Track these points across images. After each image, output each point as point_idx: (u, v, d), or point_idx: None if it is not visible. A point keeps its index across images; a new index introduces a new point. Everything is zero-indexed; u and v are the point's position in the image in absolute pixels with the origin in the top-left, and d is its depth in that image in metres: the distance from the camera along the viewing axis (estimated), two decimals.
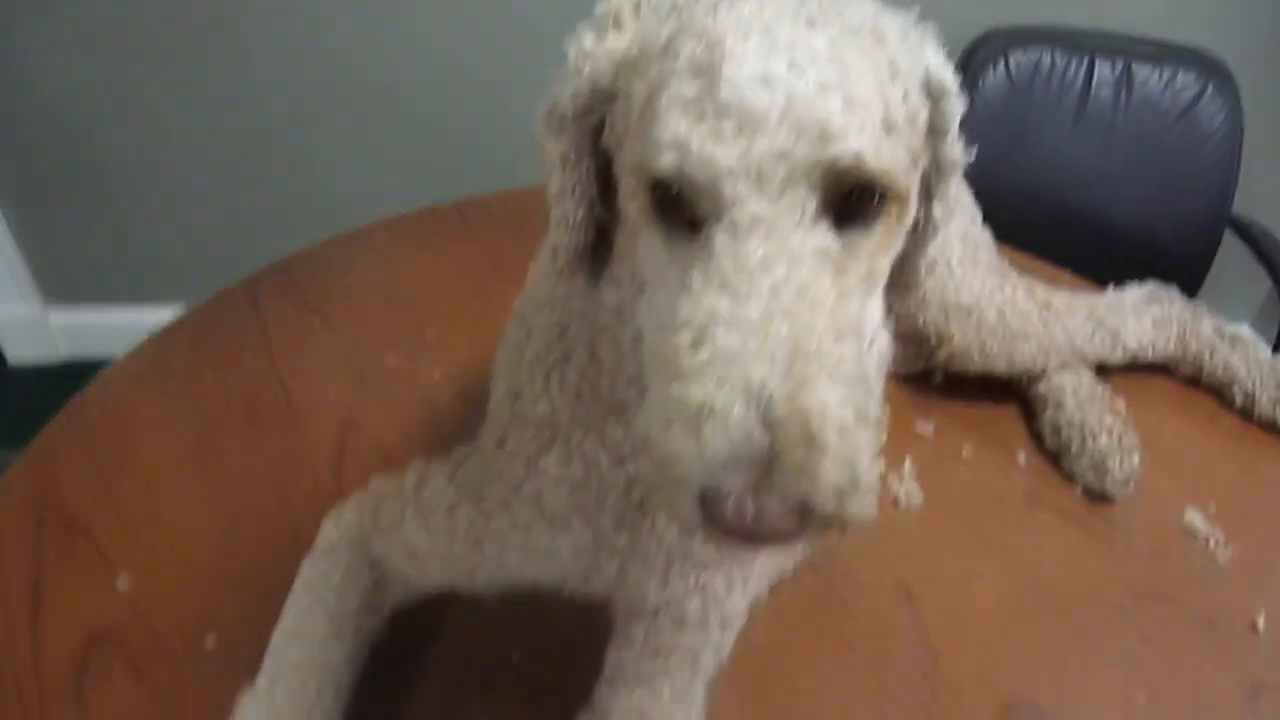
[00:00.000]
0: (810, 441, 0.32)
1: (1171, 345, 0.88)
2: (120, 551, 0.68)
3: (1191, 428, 0.85)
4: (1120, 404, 0.81)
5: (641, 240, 0.40)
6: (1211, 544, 0.73)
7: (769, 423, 0.32)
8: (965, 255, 0.84)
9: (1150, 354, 0.87)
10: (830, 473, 0.32)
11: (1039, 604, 0.69)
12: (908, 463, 0.79)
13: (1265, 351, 0.87)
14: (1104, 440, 0.77)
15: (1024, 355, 0.82)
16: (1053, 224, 1.40)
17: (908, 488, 0.76)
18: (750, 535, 0.33)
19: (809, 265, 0.35)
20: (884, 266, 0.40)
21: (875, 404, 0.35)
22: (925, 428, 0.83)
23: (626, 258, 0.45)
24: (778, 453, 0.32)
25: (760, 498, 0.32)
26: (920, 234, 0.45)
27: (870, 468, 0.34)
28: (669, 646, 0.54)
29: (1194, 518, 0.75)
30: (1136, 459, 0.76)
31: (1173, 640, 0.67)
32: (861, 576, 0.70)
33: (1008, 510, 0.76)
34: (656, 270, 0.39)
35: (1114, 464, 0.76)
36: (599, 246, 0.47)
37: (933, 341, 0.83)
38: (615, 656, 0.55)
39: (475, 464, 0.58)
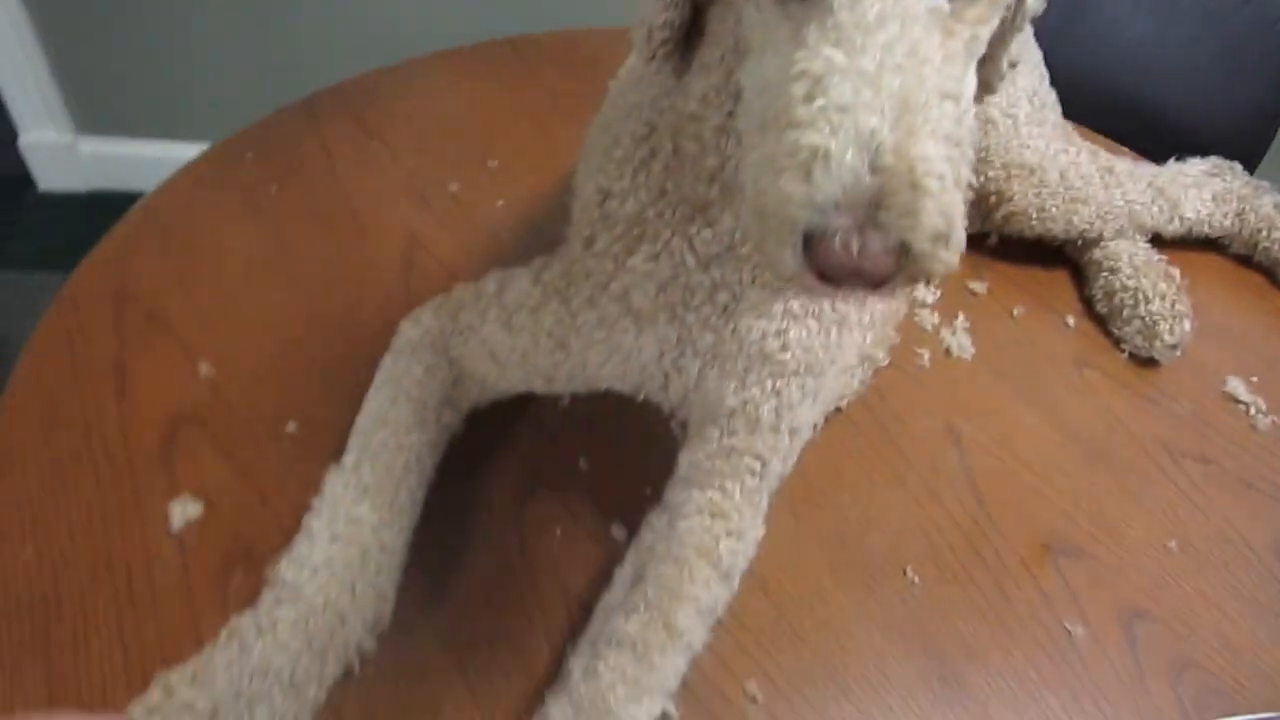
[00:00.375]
0: (915, 186, 0.34)
1: (1229, 220, 0.88)
2: (199, 342, 0.70)
3: (1240, 303, 0.86)
4: (1175, 272, 0.82)
5: (750, 5, 0.41)
6: (1252, 411, 0.76)
7: (877, 168, 0.34)
8: (1032, 114, 0.83)
9: (1206, 228, 0.88)
10: (931, 217, 0.34)
11: (1081, 455, 0.71)
12: (960, 317, 0.80)
13: None
14: (1156, 305, 0.78)
15: (1082, 219, 0.82)
16: (1102, 107, 1.37)
17: (960, 339, 0.78)
18: (850, 274, 0.35)
19: (921, 24, 0.36)
20: (984, 36, 0.41)
21: (967, 169, 0.37)
22: (979, 286, 0.84)
23: (718, 41, 0.47)
24: (884, 195, 0.34)
25: (864, 235, 0.34)
26: (1006, 26, 0.46)
27: (961, 227, 0.35)
28: (741, 448, 0.56)
29: (1236, 386, 0.77)
30: (1187, 325, 0.78)
31: (1208, 496, 0.70)
32: (912, 419, 0.72)
33: (1055, 369, 0.78)
34: (766, 32, 0.40)
35: (1164, 328, 0.78)
36: (690, 33, 0.47)
37: (992, 200, 0.83)
38: (689, 458, 0.58)
39: (561, 266, 0.59)
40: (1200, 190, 0.87)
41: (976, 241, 0.88)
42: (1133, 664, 0.60)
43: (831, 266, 0.35)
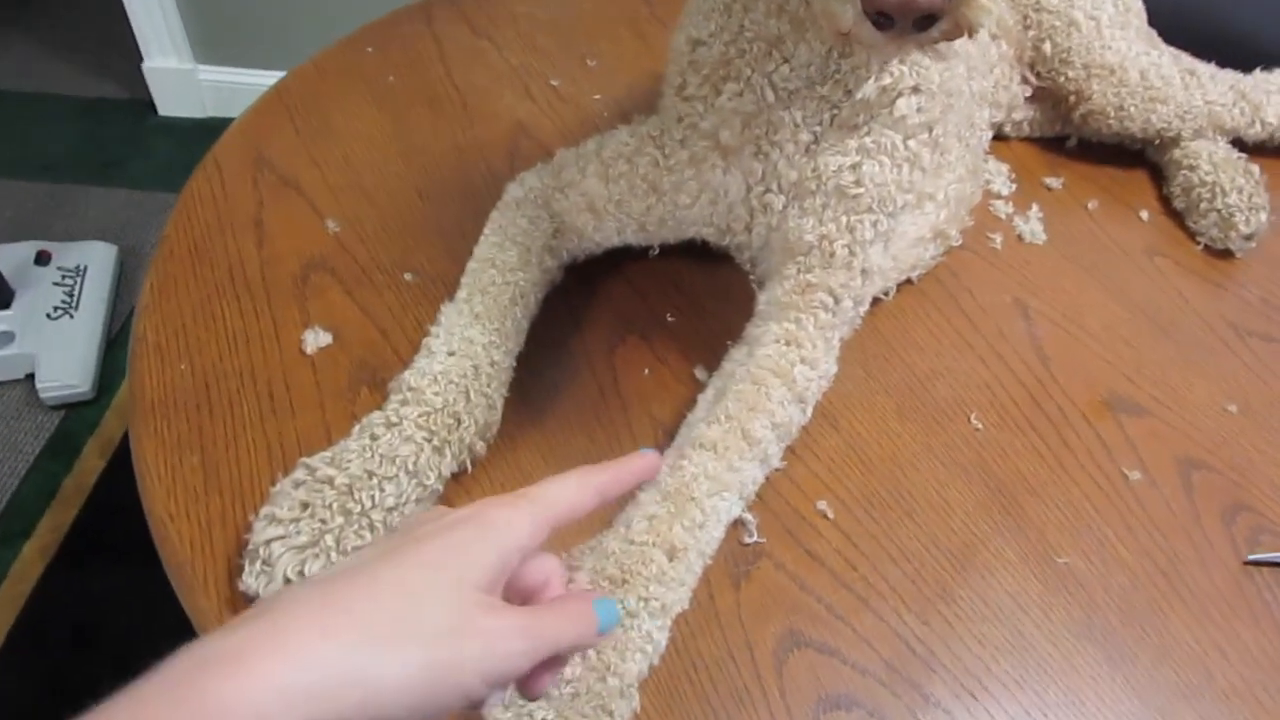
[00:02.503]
0: None
1: None
2: (326, 204, 0.78)
3: None
4: (1255, 168, 0.84)
5: None
6: None
7: None
8: (1115, 17, 0.85)
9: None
10: None
11: (1147, 329, 0.74)
12: (1035, 207, 0.83)
13: None
14: (1233, 198, 0.80)
15: (1161, 118, 0.84)
16: (1202, 47, 1.38)
17: (1033, 226, 0.81)
18: (899, 6, 0.42)
19: None
20: None
21: None
22: (1054, 181, 0.87)
23: None
24: None
25: None
26: None
27: None
28: (816, 283, 0.61)
29: None
30: (1264, 217, 0.80)
31: (1271, 368, 0.72)
32: (981, 292, 0.76)
33: (1126, 256, 0.81)
34: None
35: (1240, 219, 0.79)
36: None
37: (1071, 100, 0.86)
38: (767, 296, 0.63)
39: (656, 117, 0.65)
40: (1273, 97, 0.88)
41: (1056, 143, 0.91)
42: (1189, 506, 0.63)
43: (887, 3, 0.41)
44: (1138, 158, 0.89)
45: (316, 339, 0.67)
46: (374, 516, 0.54)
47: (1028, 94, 0.89)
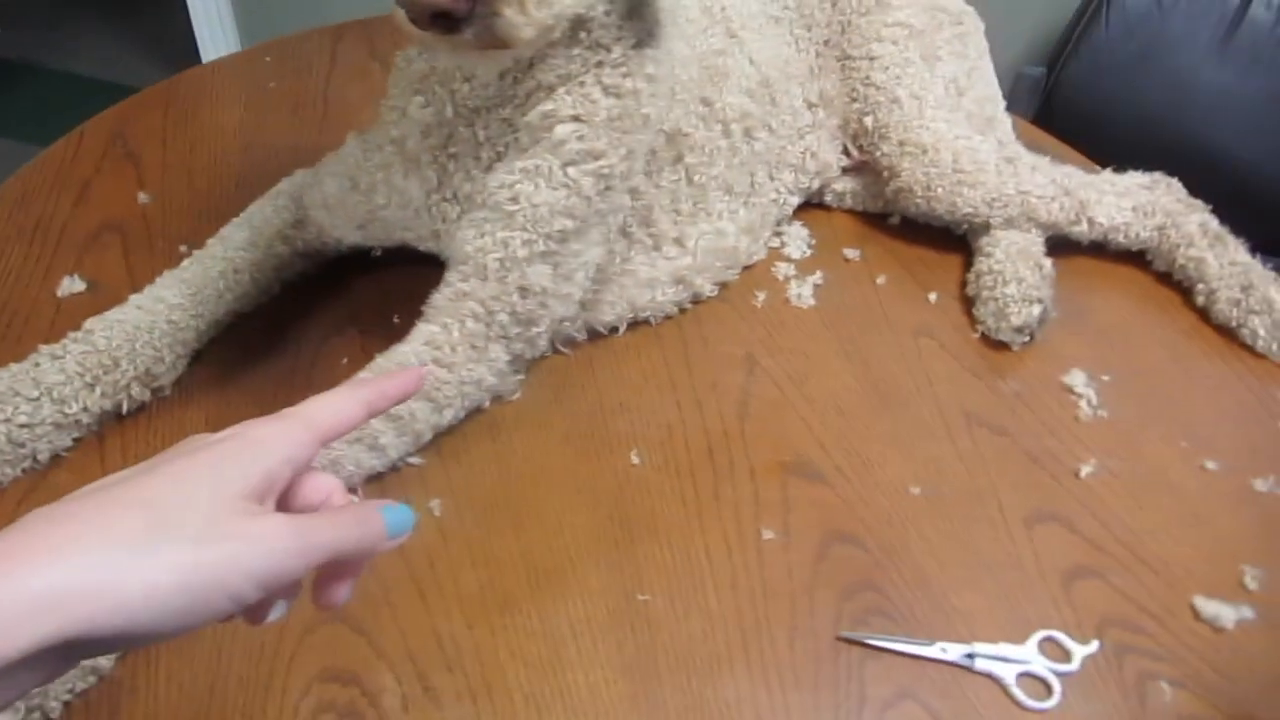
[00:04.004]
0: None
1: (1148, 233, 0.85)
2: (152, 178, 0.86)
3: (1136, 313, 0.83)
4: (1049, 265, 0.81)
5: None
6: (1082, 403, 0.74)
7: None
8: (943, 99, 0.85)
9: (1122, 237, 0.85)
10: None
11: (872, 405, 0.73)
12: (818, 274, 0.83)
13: (1247, 256, 0.82)
14: (1012, 288, 0.78)
15: (968, 202, 0.83)
16: (1167, 158, 1.31)
17: (804, 290, 0.81)
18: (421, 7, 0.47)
19: None
20: None
21: None
22: (853, 253, 0.86)
23: None
24: None
25: None
26: None
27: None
28: (468, 293, 0.64)
29: (1077, 378, 0.75)
30: (1036, 311, 0.77)
31: (985, 460, 0.69)
32: (717, 343, 0.76)
33: (893, 332, 0.79)
34: None
35: (1013, 310, 0.77)
36: None
37: (885, 176, 0.86)
38: (430, 298, 0.66)
39: (376, 123, 0.70)
40: (1121, 199, 0.85)
41: (880, 219, 0.90)
42: (811, 575, 0.61)
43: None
44: (960, 242, 0.87)
45: (71, 285, 0.75)
46: (2, 430, 0.60)
47: (844, 164, 0.89)
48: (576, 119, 0.62)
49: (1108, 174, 0.87)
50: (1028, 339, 0.78)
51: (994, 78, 0.93)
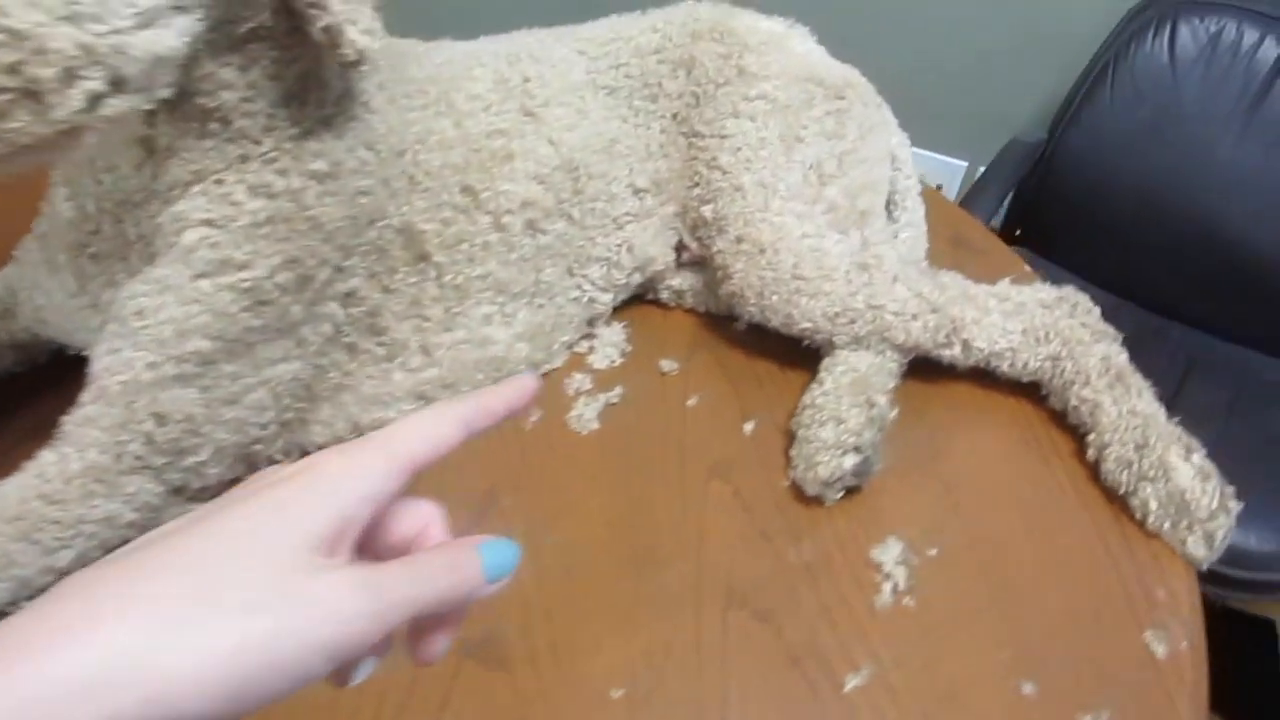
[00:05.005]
0: None
1: (1039, 363, 0.68)
2: None
3: (1006, 465, 0.66)
4: (884, 402, 0.65)
5: None
6: (885, 588, 0.58)
7: None
8: (799, 189, 0.71)
9: (1007, 366, 0.69)
10: None
11: (615, 561, 0.59)
12: (618, 390, 0.70)
13: (1152, 404, 0.65)
14: (829, 431, 0.63)
15: (805, 314, 0.69)
16: (1174, 239, 1.12)
17: (588, 412, 0.68)
18: None
19: None
20: None
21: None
22: (670, 365, 0.73)
23: None
24: None
25: None
26: None
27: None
28: (92, 419, 0.54)
29: (890, 551, 0.60)
30: (849, 463, 0.61)
31: (725, 654, 0.55)
32: (458, 474, 0.64)
33: (680, 470, 0.65)
34: None
35: (823, 459, 0.62)
36: None
37: (719, 275, 0.72)
38: (60, 421, 0.57)
39: None
40: (1009, 319, 0.68)
41: (721, 323, 0.76)
42: None
43: None
44: (815, 356, 0.73)
45: None
46: None
47: (684, 258, 0.76)
48: (209, 223, 0.52)
49: (1004, 285, 0.71)
50: (839, 494, 0.63)
51: (880, 162, 0.78)
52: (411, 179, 0.62)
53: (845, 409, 0.64)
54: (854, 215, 0.74)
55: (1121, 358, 0.67)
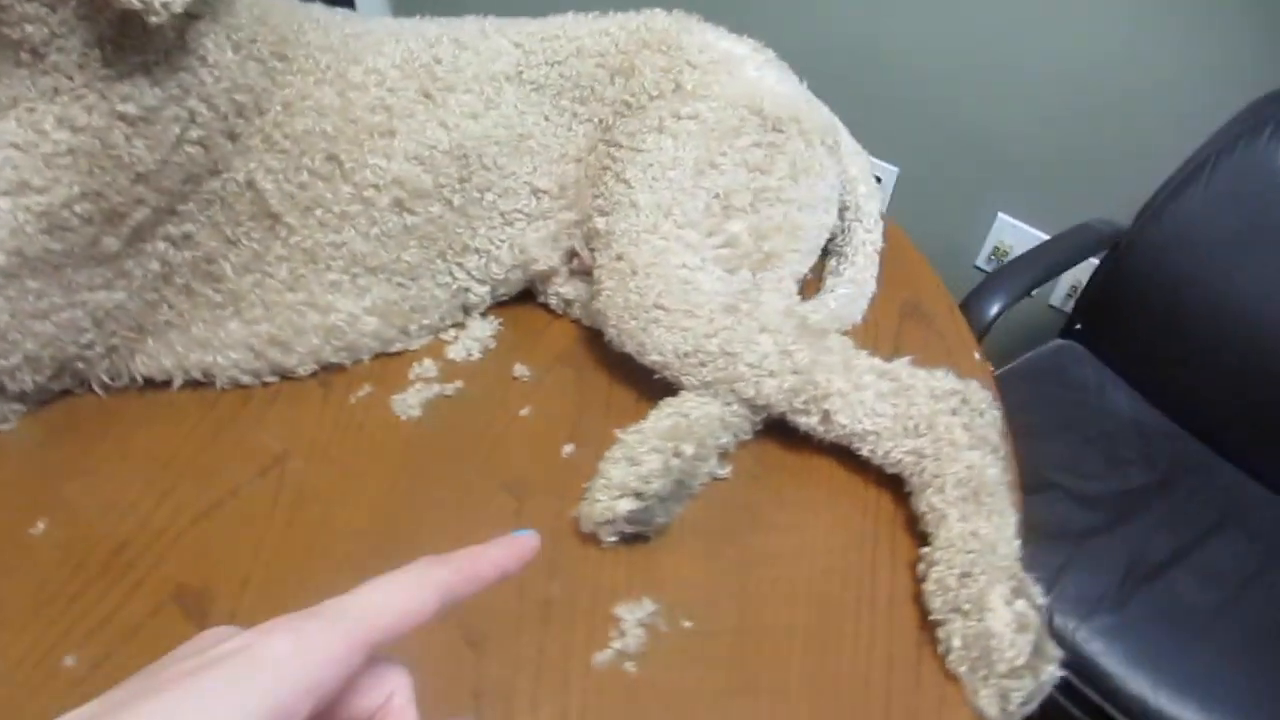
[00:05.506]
0: None
1: (900, 455, 0.61)
2: None
3: (828, 560, 0.59)
4: (691, 453, 0.59)
5: None
6: (614, 646, 0.53)
7: None
8: (699, 218, 0.67)
9: (869, 449, 0.61)
10: None
11: (362, 550, 0.57)
12: (456, 385, 0.68)
13: (1002, 531, 0.56)
14: (618, 471, 0.58)
15: (657, 346, 0.64)
16: (1242, 367, 0.98)
17: (412, 400, 0.66)
18: None
19: None
20: None
21: None
22: (524, 372, 0.69)
23: None
24: None
25: None
26: None
27: None
28: None
29: (636, 612, 0.54)
30: (623, 508, 0.56)
31: (434, 662, 0.51)
32: (259, 431, 0.64)
33: (476, 480, 0.62)
34: None
35: (601, 499, 0.57)
36: None
37: (594, 290, 0.69)
38: None
39: None
40: (882, 400, 0.61)
41: (601, 340, 0.72)
42: None
43: None
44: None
45: None
46: None
47: (574, 266, 0.73)
48: (15, 146, 0.55)
49: (900, 364, 0.63)
50: (614, 538, 0.58)
51: (810, 207, 0.71)
52: (268, 139, 0.62)
53: (645, 452, 0.59)
54: (756, 256, 0.68)
55: (990, 472, 0.58)
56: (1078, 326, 1.21)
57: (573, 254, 0.73)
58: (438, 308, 0.71)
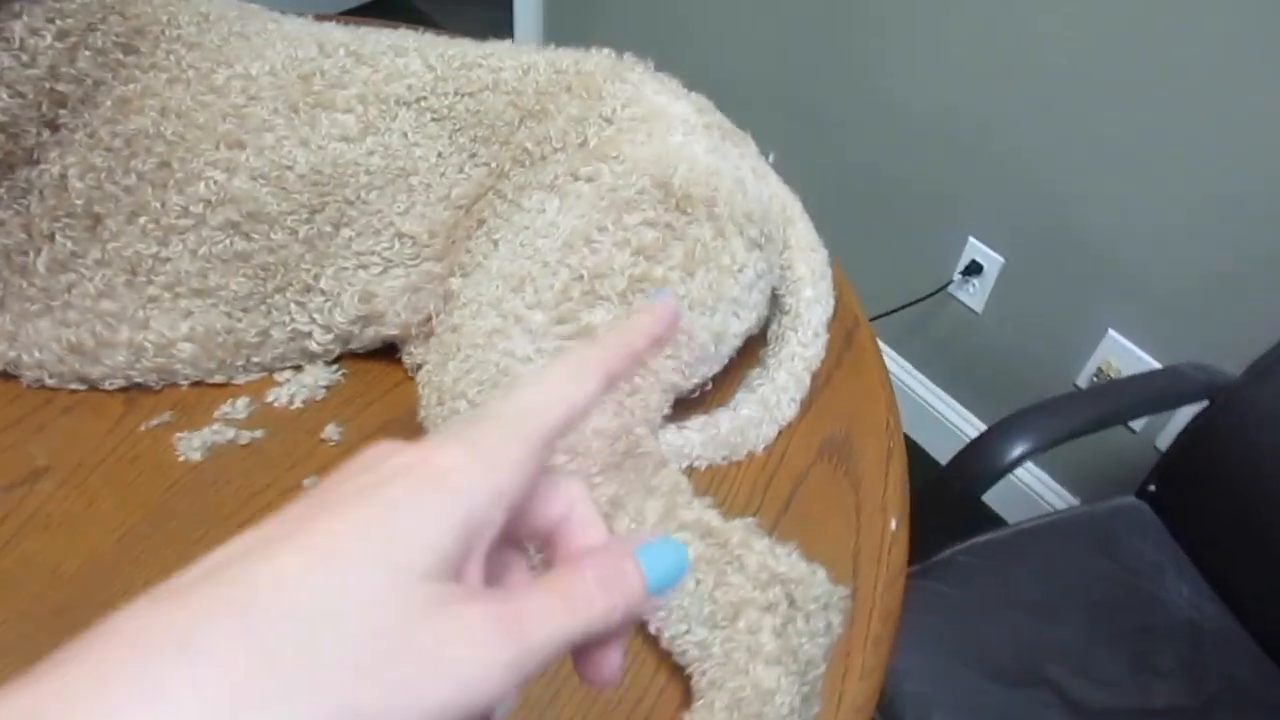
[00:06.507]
0: None
1: (684, 645, 0.49)
2: None
3: None
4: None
5: None
6: None
7: None
8: (555, 300, 0.58)
9: (653, 624, 0.50)
10: None
11: (52, 585, 0.52)
12: (257, 434, 0.61)
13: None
14: None
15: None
16: None
17: (197, 442, 0.60)
18: None
19: None
20: None
21: None
22: (334, 434, 0.62)
23: None
24: None
25: None
26: None
27: None
28: None
29: None
30: None
31: None
32: (26, 445, 0.60)
33: (212, 535, 0.55)
34: None
35: None
36: None
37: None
38: None
39: None
40: (692, 569, 0.50)
41: None
42: None
43: None
44: None
45: None
46: None
47: (417, 328, 0.64)
48: None
49: (741, 525, 0.52)
50: None
51: (708, 309, 0.60)
52: (94, 134, 0.58)
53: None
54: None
55: (779, 702, 0.45)
56: (1151, 488, 1.00)
57: (429, 317, 0.65)
58: (272, 348, 0.64)
